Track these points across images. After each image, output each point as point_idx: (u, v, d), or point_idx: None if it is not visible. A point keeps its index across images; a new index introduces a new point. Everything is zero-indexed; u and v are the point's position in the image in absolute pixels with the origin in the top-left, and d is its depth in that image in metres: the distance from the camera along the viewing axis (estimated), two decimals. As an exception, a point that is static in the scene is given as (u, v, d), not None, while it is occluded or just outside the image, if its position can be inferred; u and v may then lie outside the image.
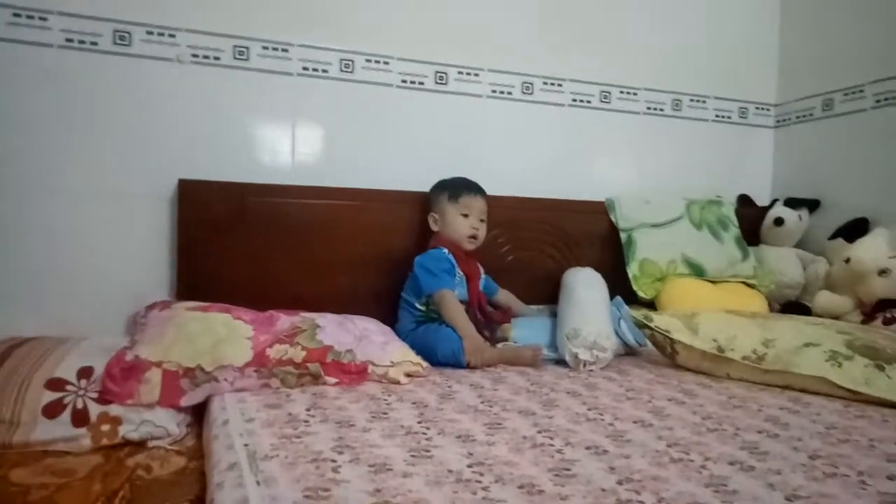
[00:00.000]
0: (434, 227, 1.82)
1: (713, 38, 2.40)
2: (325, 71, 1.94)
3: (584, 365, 1.60)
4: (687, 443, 1.05)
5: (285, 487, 0.84)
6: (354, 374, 1.44)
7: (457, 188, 1.81)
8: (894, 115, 2.07)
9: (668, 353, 1.68)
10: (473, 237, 1.79)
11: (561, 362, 1.66)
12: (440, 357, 1.59)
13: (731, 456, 0.99)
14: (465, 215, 1.79)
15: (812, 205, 2.30)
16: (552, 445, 1.02)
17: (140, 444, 1.24)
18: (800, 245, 2.30)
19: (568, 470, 0.92)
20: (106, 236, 1.73)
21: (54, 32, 1.68)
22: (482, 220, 1.81)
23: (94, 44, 1.72)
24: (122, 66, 1.74)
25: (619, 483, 0.87)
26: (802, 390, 1.43)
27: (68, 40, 1.70)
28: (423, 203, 1.89)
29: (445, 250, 1.76)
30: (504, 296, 1.94)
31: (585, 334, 1.62)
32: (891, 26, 2.10)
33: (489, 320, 1.80)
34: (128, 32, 1.75)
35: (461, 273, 1.78)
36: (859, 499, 0.83)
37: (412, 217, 1.91)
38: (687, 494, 0.83)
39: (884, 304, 1.87)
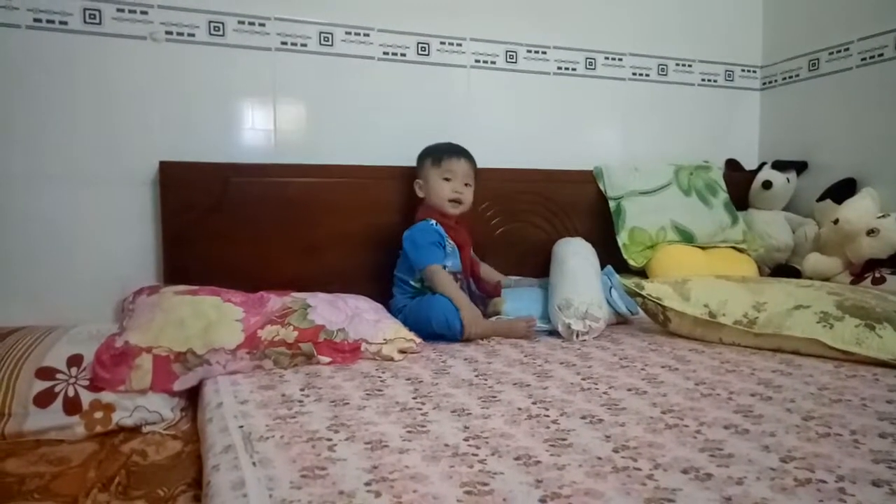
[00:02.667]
0: (420, 194, 1.79)
1: (697, 0, 2.37)
2: (304, 45, 1.90)
3: (577, 335, 1.60)
4: (681, 409, 1.06)
5: (282, 467, 0.83)
6: (348, 352, 1.43)
7: (439, 152, 1.77)
8: (880, 73, 2.07)
9: (660, 321, 1.68)
10: (456, 201, 1.74)
11: (554, 333, 1.66)
12: (434, 327, 1.59)
13: (726, 420, 0.99)
14: (448, 179, 1.74)
15: (800, 167, 2.30)
16: (547, 416, 1.02)
17: (134, 430, 1.23)
18: (788, 207, 2.31)
19: (564, 440, 0.92)
20: (89, 222, 1.70)
21: (21, 12, 1.63)
22: (467, 185, 1.76)
23: (64, 23, 1.67)
24: (94, 46, 1.70)
25: (615, 451, 0.87)
26: (794, 352, 1.44)
27: (36, 20, 1.65)
28: (411, 177, 1.86)
29: (433, 221, 1.73)
30: (485, 269, 1.90)
31: (577, 304, 1.62)
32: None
33: (482, 292, 1.78)
34: (98, 10, 1.69)
35: (451, 243, 1.74)
36: (852, 457, 0.84)
37: (400, 192, 1.89)
38: (682, 460, 0.84)
39: (873, 264, 1.88)
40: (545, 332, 1.69)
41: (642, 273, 2.05)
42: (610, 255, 2.04)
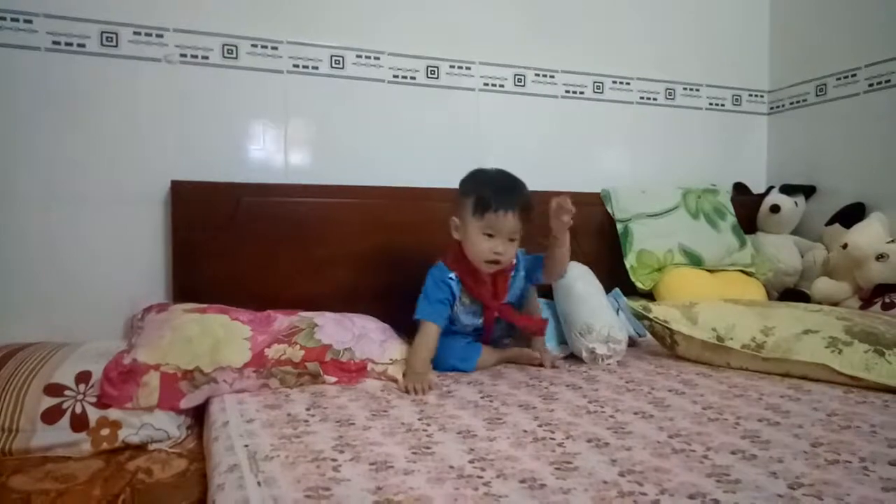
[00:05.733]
0: (455, 235, 1.52)
1: (705, 25, 2.40)
2: (315, 67, 1.93)
3: (602, 359, 1.59)
4: (688, 433, 1.05)
5: (286, 487, 0.83)
6: (354, 372, 1.43)
7: (485, 200, 1.44)
8: (887, 99, 2.07)
9: (667, 344, 1.67)
10: (494, 262, 1.48)
11: (566, 358, 1.65)
12: (444, 364, 1.54)
13: (733, 445, 0.99)
14: (490, 235, 1.46)
15: (808, 191, 2.30)
16: (553, 439, 1.02)
17: (140, 448, 1.24)
18: (797, 232, 2.30)
19: (569, 463, 0.91)
20: (101, 240, 1.72)
21: (40, 35, 1.67)
22: (512, 240, 1.47)
23: (82, 45, 1.71)
24: (111, 68, 1.73)
25: (621, 475, 0.87)
26: (803, 377, 1.43)
27: (55, 42, 1.68)
28: (420, 198, 1.87)
29: (453, 275, 1.52)
30: (531, 302, 1.70)
31: (599, 329, 1.60)
32: (882, 9, 2.09)
33: (524, 329, 1.63)
34: (115, 33, 1.73)
35: (469, 300, 1.56)
36: (862, 485, 0.83)
37: (409, 213, 1.90)
38: (689, 485, 0.83)
39: (882, 289, 1.87)
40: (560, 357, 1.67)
41: (650, 296, 2.04)
42: (617, 278, 2.04)
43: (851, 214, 2.09)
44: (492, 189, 1.46)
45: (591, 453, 0.95)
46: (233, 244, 1.75)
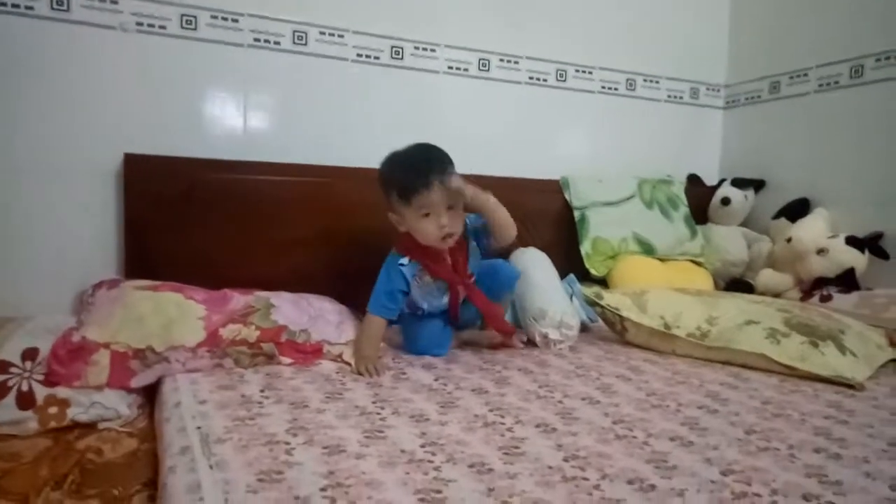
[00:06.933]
0: (401, 229, 1.51)
1: (667, 18, 2.43)
2: (277, 43, 1.89)
3: (554, 344, 1.63)
4: (632, 419, 1.09)
5: (238, 471, 0.84)
6: (309, 353, 1.44)
7: (404, 186, 1.43)
8: (835, 100, 2.15)
9: (617, 330, 1.73)
10: (448, 236, 1.45)
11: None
12: (418, 348, 1.56)
13: (673, 432, 1.04)
14: (427, 214, 1.43)
15: (758, 185, 2.38)
16: (503, 424, 1.05)
17: (90, 427, 1.22)
18: (746, 224, 2.38)
19: (517, 448, 0.95)
20: (50, 212, 1.67)
21: (-15, -4, 1.59)
22: (450, 207, 1.43)
23: (30, 7, 1.63)
24: (62, 33, 1.66)
25: (566, 460, 0.91)
26: (743, 366, 1.49)
27: (1, 4, 1.61)
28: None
29: (405, 260, 1.50)
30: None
31: (552, 314, 1.64)
32: (835, 12, 2.16)
33: (496, 329, 1.60)
34: (66, -4, 1.66)
35: (431, 281, 1.54)
36: (787, 471, 0.88)
37: (368, 194, 1.87)
38: (629, 470, 0.87)
39: (821, 282, 1.96)
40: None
41: (604, 282, 2.09)
42: (573, 264, 2.08)
43: (797, 209, 2.17)
44: (405, 173, 1.44)
45: (539, 438, 0.99)
46: (188, 221, 1.72)
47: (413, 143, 1.52)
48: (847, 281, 1.90)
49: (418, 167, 1.43)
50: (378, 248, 1.58)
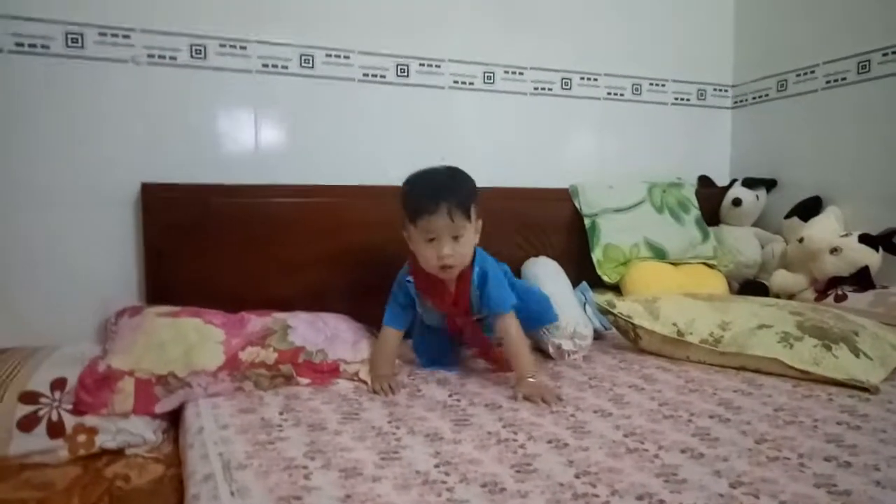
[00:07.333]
0: (410, 247, 1.48)
1: (670, 20, 2.43)
2: (284, 67, 1.93)
3: (568, 355, 1.65)
4: (643, 431, 1.11)
5: (259, 497, 0.87)
6: (326, 373, 1.47)
7: (415, 205, 1.40)
8: (843, 96, 2.14)
9: (631, 338, 1.74)
10: (447, 266, 1.40)
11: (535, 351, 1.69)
12: (425, 361, 1.61)
13: (684, 443, 1.05)
14: (431, 239, 1.39)
15: (769, 184, 2.37)
16: (515, 441, 1.07)
17: (117, 453, 1.26)
18: (759, 223, 2.38)
19: (529, 465, 0.97)
20: (71, 242, 1.72)
21: (4, 37, 1.65)
22: (456, 238, 1.38)
23: (46, 47, 1.69)
24: (77, 69, 1.72)
25: (577, 476, 0.93)
26: (757, 371, 1.50)
27: (18, 44, 1.66)
28: (389, 196, 1.89)
29: (410, 279, 1.51)
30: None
31: (565, 325, 1.65)
32: (839, 8, 2.15)
33: (481, 357, 1.57)
34: (80, 34, 1.72)
35: (429, 302, 1.52)
36: (796, 482, 0.89)
37: (379, 212, 1.91)
38: (638, 485, 0.89)
39: (835, 282, 1.95)
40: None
41: (616, 289, 2.10)
42: (585, 272, 2.10)
43: (809, 208, 2.16)
44: (419, 192, 1.41)
45: (551, 454, 1.01)
46: (204, 245, 1.76)
47: (443, 165, 1.49)
48: (861, 279, 1.89)
49: (436, 188, 1.40)
50: (391, 264, 1.60)
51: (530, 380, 1.35)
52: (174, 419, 1.36)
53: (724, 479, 0.90)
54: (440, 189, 1.39)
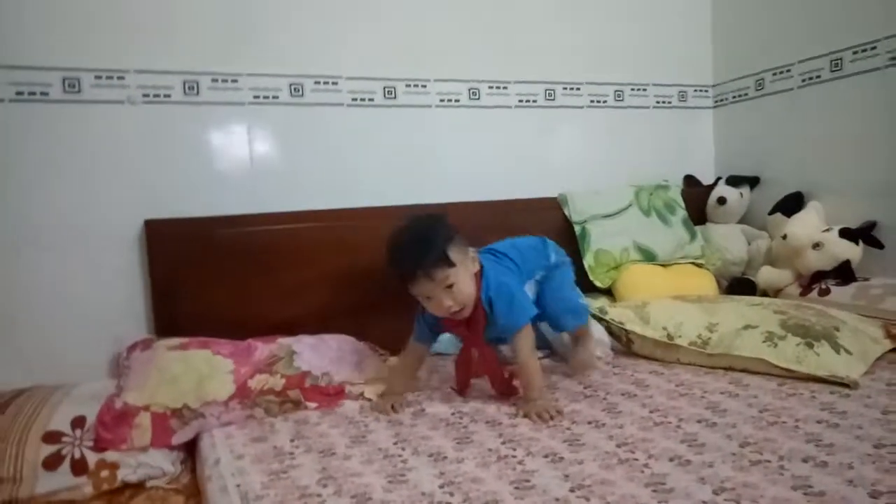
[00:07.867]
0: None
1: (649, 26, 2.49)
2: (275, 97, 1.99)
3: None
4: (634, 440, 1.18)
5: (277, 527, 0.94)
6: (332, 395, 1.54)
7: (398, 278, 1.43)
8: (818, 93, 2.20)
9: (623, 343, 1.81)
10: (455, 314, 1.43)
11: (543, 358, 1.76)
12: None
13: (672, 451, 1.12)
14: (428, 297, 1.43)
15: (752, 181, 2.43)
16: (514, 457, 1.14)
17: (139, 486, 1.33)
18: (744, 220, 2.43)
19: (527, 481, 1.03)
20: (81, 281, 1.78)
21: (4, 87, 1.71)
22: (449, 287, 1.39)
23: (45, 94, 1.75)
24: (76, 113, 1.77)
25: (572, 490, 0.99)
26: (743, 370, 1.57)
27: (18, 93, 1.72)
28: (383, 217, 1.91)
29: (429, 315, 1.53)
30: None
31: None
32: (812, 7, 2.21)
33: (499, 387, 1.52)
34: (77, 79, 1.77)
35: (445, 326, 1.55)
36: (775, 485, 0.96)
37: (374, 231, 1.98)
38: (629, 497, 0.96)
39: (819, 276, 2.01)
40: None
41: (609, 293, 2.17)
42: (577, 277, 2.16)
43: (791, 204, 2.22)
44: (394, 264, 1.43)
45: (547, 469, 1.08)
46: (209, 276, 1.82)
47: (410, 219, 1.48)
48: (843, 273, 1.95)
49: (401, 262, 1.41)
50: (386, 282, 1.65)
51: (535, 402, 1.38)
52: (190, 449, 1.43)
53: (709, 486, 0.97)
54: (406, 259, 1.40)
